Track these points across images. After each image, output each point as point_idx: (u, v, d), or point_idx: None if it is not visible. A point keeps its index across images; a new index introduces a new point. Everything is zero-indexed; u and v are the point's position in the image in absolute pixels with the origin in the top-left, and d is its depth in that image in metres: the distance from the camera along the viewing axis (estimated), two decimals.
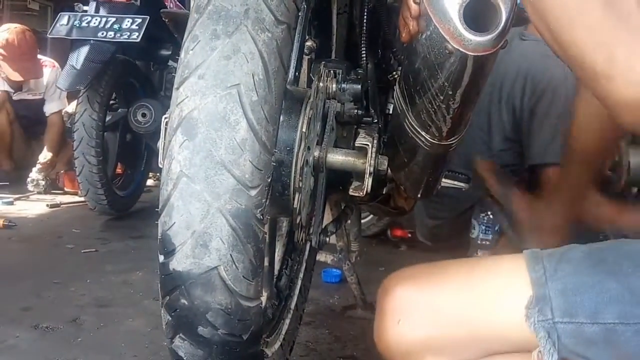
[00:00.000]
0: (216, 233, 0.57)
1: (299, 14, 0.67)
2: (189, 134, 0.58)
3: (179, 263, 0.58)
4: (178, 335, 0.61)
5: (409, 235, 2.67)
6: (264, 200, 0.60)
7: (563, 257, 0.62)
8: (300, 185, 0.77)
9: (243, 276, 0.59)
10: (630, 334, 0.56)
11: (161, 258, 0.60)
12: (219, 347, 0.60)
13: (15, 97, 3.64)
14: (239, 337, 0.61)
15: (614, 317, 0.57)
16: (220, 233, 0.57)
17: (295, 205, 0.77)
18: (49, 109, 3.62)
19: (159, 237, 0.60)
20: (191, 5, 0.63)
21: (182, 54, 0.60)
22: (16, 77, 3.42)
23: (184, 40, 0.61)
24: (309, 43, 1.01)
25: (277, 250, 1.03)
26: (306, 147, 0.78)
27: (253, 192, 0.58)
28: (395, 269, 0.70)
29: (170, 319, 0.61)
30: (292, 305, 1.05)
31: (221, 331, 0.60)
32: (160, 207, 0.60)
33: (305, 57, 1.02)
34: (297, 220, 0.81)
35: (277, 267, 1.04)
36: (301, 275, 1.10)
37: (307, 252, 1.11)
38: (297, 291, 1.07)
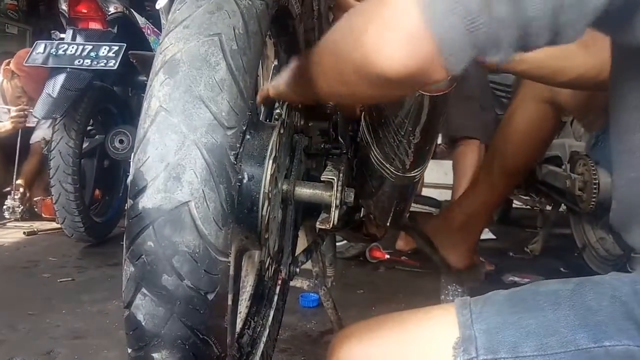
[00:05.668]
0: (190, 165, 0.58)
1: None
2: (170, 73, 0.60)
3: (149, 199, 0.57)
4: (139, 292, 0.59)
5: (388, 256, 2.69)
6: (238, 145, 0.61)
7: (487, 301, 0.66)
8: (270, 199, 0.77)
9: (213, 218, 0.58)
10: None
11: (130, 202, 0.59)
12: (182, 304, 0.58)
13: None
14: (204, 295, 0.59)
15: (532, 349, 0.60)
16: (194, 165, 0.58)
17: (263, 218, 0.76)
18: (35, 137, 3.61)
19: (130, 179, 0.59)
20: None
21: (170, 16, 0.64)
22: (36, 95, 3.46)
23: (172, 5, 0.65)
24: None
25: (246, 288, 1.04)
26: (274, 180, 0.79)
27: (229, 132, 0.59)
28: (374, 291, 0.71)
29: (133, 270, 0.59)
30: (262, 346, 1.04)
31: (186, 282, 0.58)
32: (135, 147, 0.60)
33: None
34: (265, 237, 0.80)
35: (246, 304, 1.04)
36: (272, 312, 1.10)
37: (277, 286, 1.12)
38: (266, 333, 1.07)
